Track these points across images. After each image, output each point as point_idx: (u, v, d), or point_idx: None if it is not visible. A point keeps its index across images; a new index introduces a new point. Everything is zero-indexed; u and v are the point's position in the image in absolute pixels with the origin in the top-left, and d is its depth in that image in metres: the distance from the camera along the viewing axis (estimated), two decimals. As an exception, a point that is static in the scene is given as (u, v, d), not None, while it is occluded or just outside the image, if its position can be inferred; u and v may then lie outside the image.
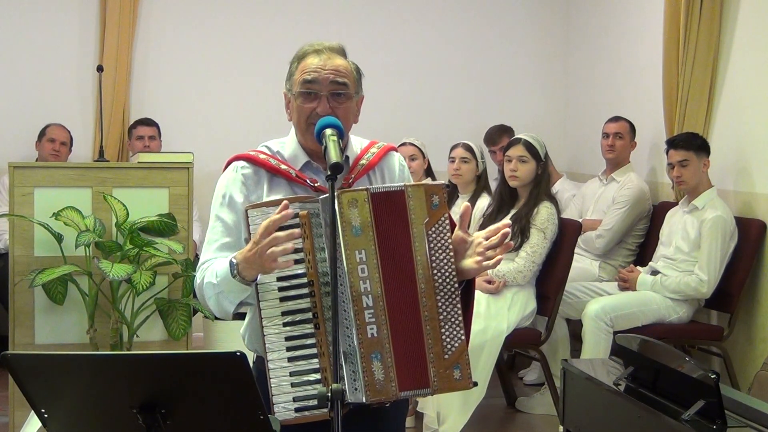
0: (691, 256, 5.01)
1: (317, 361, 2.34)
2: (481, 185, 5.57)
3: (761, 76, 5.08)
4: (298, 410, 2.32)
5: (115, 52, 6.62)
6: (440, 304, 2.35)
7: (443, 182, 2.47)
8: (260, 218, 2.34)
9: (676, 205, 5.32)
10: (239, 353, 2.00)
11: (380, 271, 2.32)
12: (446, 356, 2.34)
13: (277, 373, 2.33)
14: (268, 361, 2.34)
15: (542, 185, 5.06)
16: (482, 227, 5.04)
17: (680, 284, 5.00)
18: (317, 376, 2.33)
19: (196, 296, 2.65)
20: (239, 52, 6.96)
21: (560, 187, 6.23)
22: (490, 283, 4.95)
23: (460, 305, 2.36)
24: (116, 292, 4.48)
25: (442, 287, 2.35)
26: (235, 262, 2.34)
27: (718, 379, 2.86)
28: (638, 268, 5.32)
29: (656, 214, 5.70)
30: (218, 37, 6.95)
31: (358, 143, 2.62)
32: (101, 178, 4.60)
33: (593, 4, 7.08)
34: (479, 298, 4.77)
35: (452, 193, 5.58)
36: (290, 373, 2.33)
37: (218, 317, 2.61)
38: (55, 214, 4.39)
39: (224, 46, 6.96)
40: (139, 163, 4.88)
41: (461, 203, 5.44)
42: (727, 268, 4.97)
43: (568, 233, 5.09)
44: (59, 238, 4.41)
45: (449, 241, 2.37)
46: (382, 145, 2.65)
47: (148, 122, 6.56)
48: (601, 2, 6.97)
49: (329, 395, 2.07)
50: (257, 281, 2.36)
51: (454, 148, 5.63)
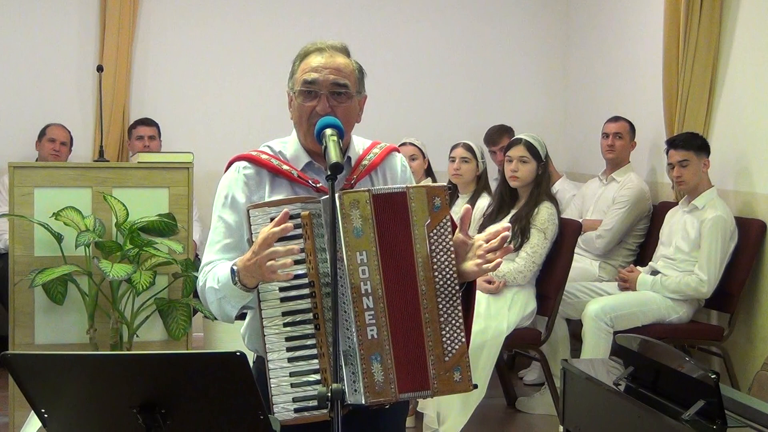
0: (691, 256, 5.01)
1: (317, 361, 2.33)
2: (481, 185, 5.57)
3: (761, 76, 5.08)
4: (297, 410, 2.32)
5: (115, 52, 6.62)
6: (441, 306, 2.34)
7: (445, 184, 2.47)
8: (262, 218, 2.34)
9: (676, 205, 5.32)
10: (239, 353, 2.00)
11: (381, 272, 2.32)
12: (446, 358, 2.34)
13: (277, 373, 2.33)
14: (268, 361, 2.34)
15: (543, 185, 5.06)
16: (482, 227, 5.04)
17: (680, 284, 5.00)
18: (317, 376, 2.33)
19: (196, 296, 2.66)
20: (239, 51, 6.96)
21: (560, 187, 6.23)
22: (490, 283, 4.95)
23: (460, 307, 2.36)
24: (116, 292, 4.48)
25: (443, 289, 2.35)
26: (236, 269, 2.34)
27: (718, 379, 2.86)
28: (638, 268, 5.32)
29: (656, 214, 5.69)
30: (218, 37, 6.95)
31: (360, 143, 2.62)
32: (101, 178, 4.60)
33: (593, 4, 7.08)
34: (479, 298, 4.77)
35: (452, 193, 5.57)
36: (290, 373, 2.33)
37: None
38: (55, 214, 4.39)
39: (224, 45, 6.95)
40: (139, 163, 4.88)
41: (461, 203, 5.45)
42: (727, 268, 4.97)
43: (568, 233, 5.08)
44: (59, 238, 4.40)
45: (450, 243, 2.36)
46: (384, 145, 2.64)
47: (148, 122, 6.56)
48: (601, 2, 6.97)
49: (329, 396, 2.07)
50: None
51: (454, 148, 5.63)
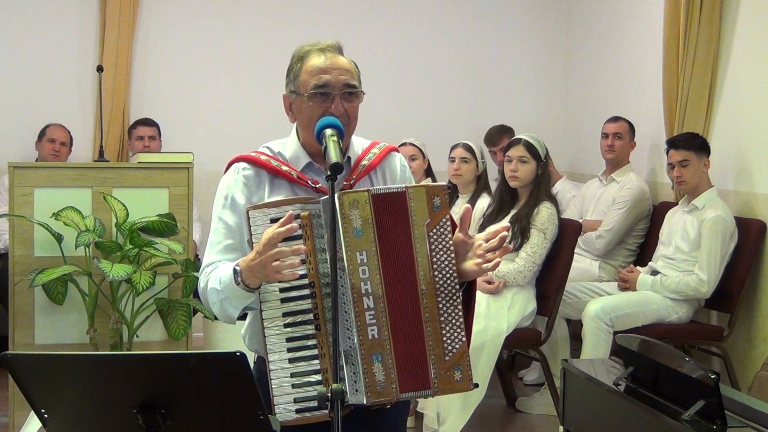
0: (691, 256, 5.01)
1: (318, 362, 2.33)
2: (481, 185, 5.56)
3: (761, 76, 5.08)
4: (299, 411, 2.32)
5: (115, 52, 6.62)
6: (441, 305, 2.34)
7: (444, 183, 2.47)
8: (261, 219, 2.34)
9: (676, 205, 5.32)
10: (239, 353, 2.00)
11: (381, 272, 2.32)
12: (447, 358, 2.34)
13: (278, 374, 2.33)
14: (269, 362, 2.34)
15: (542, 185, 5.05)
16: (482, 227, 5.04)
17: (680, 284, 5.00)
18: (318, 377, 2.33)
19: (196, 296, 2.66)
20: (239, 52, 6.96)
21: (560, 187, 6.23)
22: (490, 283, 4.95)
23: (461, 307, 2.36)
24: (116, 292, 4.48)
25: (443, 289, 2.35)
26: (238, 269, 2.33)
27: (718, 379, 2.86)
28: (638, 268, 5.32)
29: (656, 214, 5.69)
30: (218, 37, 6.95)
31: (359, 144, 2.61)
32: (101, 178, 4.60)
33: (593, 4, 7.08)
34: (479, 298, 4.77)
35: (452, 193, 5.56)
36: (291, 374, 2.33)
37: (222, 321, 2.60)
38: (55, 214, 4.39)
39: (224, 46, 6.96)
40: (139, 163, 4.88)
41: (461, 203, 5.44)
42: (727, 268, 4.97)
43: (568, 233, 5.08)
44: (59, 238, 4.40)
45: (450, 242, 2.36)
46: (383, 145, 2.64)
47: (148, 122, 6.56)
48: (601, 2, 6.97)
49: (329, 396, 2.07)
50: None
51: (454, 148, 5.63)
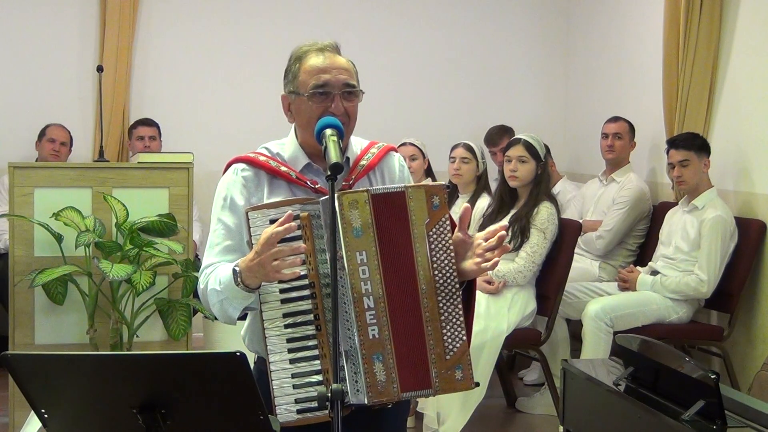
0: (690, 256, 5.01)
1: (319, 362, 2.33)
2: (481, 185, 5.56)
3: (761, 76, 5.08)
4: (300, 411, 2.31)
5: (115, 52, 6.62)
6: (441, 304, 2.34)
7: (444, 183, 2.46)
8: (261, 220, 2.34)
9: (676, 205, 5.32)
10: (239, 353, 2.00)
11: (381, 272, 2.32)
12: (448, 357, 2.34)
13: (278, 374, 2.33)
14: (269, 362, 2.33)
15: (542, 185, 5.05)
16: (482, 227, 5.04)
17: (680, 284, 5.00)
18: (319, 377, 2.33)
19: (196, 296, 2.65)
20: (239, 52, 6.96)
21: (561, 188, 6.23)
22: (490, 283, 4.95)
23: (461, 306, 2.36)
24: (116, 292, 4.48)
25: (443, 288, 2.35)
26: (238, 270, 2.33)
27: (718, 379, 2.86)
28: (638, 268, 5.32)
29: (656, 214, 5.69)
30: (218, 37, 6.95)
31: (358, 144, 2.61)
32: (101, 178, 4.60)
33: (593, 4, 7.08)
34: (479, 298, 4.77)
35: (452, 193, 5.57)
36: (292, 374, 2.33)
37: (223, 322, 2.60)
38: (55, 214, 4.39)
39: (224, 46, 6.95)
40: (139, 163, 4.88)
41: (461, 203, 5.44)
42: (727, 268, 4.97)
43: (568, 233, 5.08)
44: (59, 238, 4.40)
45: (450, 241, 2.36)
46: (381, 145, 2.64)
47: (148, 122, 6.55)
48: (601, 2, 6.97)
49: (329, 396, 2.07)
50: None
51: (454, 148, 5.63)
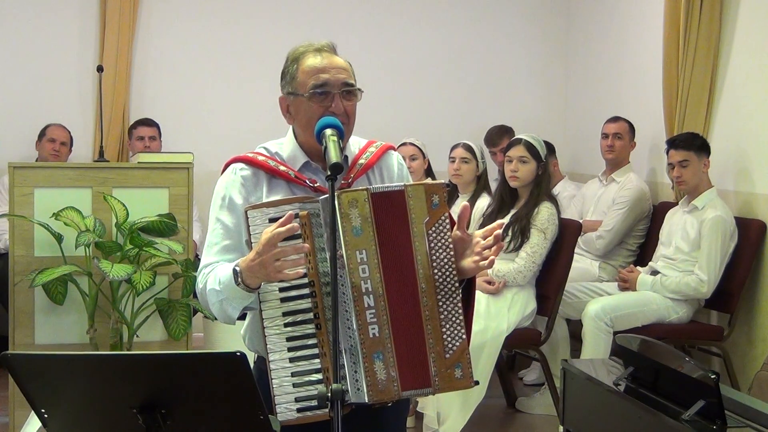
0: (691, 256, 5.00)
1: (319, 361, 2.33)
2: (481, 185, 5.56)
3: (761, 76, 5.08)
4: (300, 410, 2.31)
5: (115, 52, 6.62)
6: (441, 303, 2.34)
7: (443, 181, 2.46)
8: (260, 219, 2.34)
9: (676, 205, 5.32)
10: (239, 353, 2.00)
11: (381, 270, 2.32)
12: (447, 355, 2.34)
13: (279, 373, 2.33)
14: (269, 362, 2.33)
15: (542, 185, 5.05)
16: (482, 227, 5.03)
17: (680, 284, 5.00)
18: (319, 376, 2.32)
19: (196, 296, 2.65)
20: (239, 52, 6.96)
21: (561, 188, 6.23)
22: (490, 283, 4.94)
23: (460, 304, 2.36)
24: (116, 292, 4.48)
25: (442, 286, 2.35)
26: (238, 270, 2.32)
27: (718, 379, 2.86)
28: (638, 268, 5.32)
29: (656, 214, 5.69)
30: (218, 37, 6.94)
31: (356, 143, 2.61)
32: (101, 178, 4.60)
33: (593, 4, 7.08)
34: (479, 298, 4.77)
35: (452, 193, 5.57)
36: (292, 373, 2.33)
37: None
38: (55, 214, 4.39)
39: (224, 46, 6.95)
40: (139, 163, 4.88)
41: (461, 203, 5.43)
42: (727, 268, 4.97)
43: (568, 233, 5.08)
44: (59, 238, 4.40)
45: (449, 240, 2.36)
46: (380, 144, 2.63)
47: (148, 122, 6.55)
48: (601, 3, 6.97)
49: (329, 395, 2.07)
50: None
51: (454, 148, 5.63)
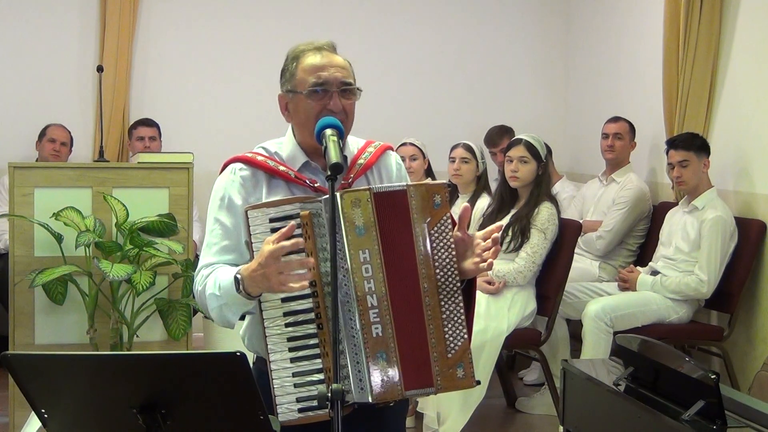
0: (691, 256, 5.00)
1: (320, 361, 2.32)
2: (481, 185, 5.56)
3: (761, 76, 5.08)
4: (301, 411, 2.31)
5: (115, 52, 6.62)
6: (443, 303, 2.35)
7: (445, 182, 2.46)
8: (261, 219, 2.33)
9: (676, 205, 5.32)
10: (239, 353, 2.00)
11: (384, 270, 2.32)
12: (449, 355, 2.34)
13: (279, 374, 2.32)
14: (270, 362, 2.33)
15: (543, 186, 5.05)
16: (482, 227, 5.03)
17: (680, 284, 5.00)
18: (320, 376, 2.32)
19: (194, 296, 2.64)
20: (239, 52, 6.96)
21: (560, 188, 6.22)
22: (490, 283, 4.94)
23: (462, 304, 2.36)
24: (116, 292, 4.48)
25: (444, 286, 2.35)
26: (240, 277, 2.31)
27: (718, 379, 2.86)
28: (638, 268, 5.32)
29: (656, 214, 5.69)
30: (218, 37, 6.94)
31: (354, 143, 2.61)
32: (101, 178, 4.60)
33: (593, 4, 7.08)
34: (479, 298, 4.77)
35: (452, 193, 5.57)
36: (293, 373, 2.32)
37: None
38: (55, 214, 4.39)
39: (224, 46, 6.95)
40: (139, 163, 4.88)
41: (461, 203, 5.44)
42: (727, 268, 4.97)
43: (568, 233, 5.08)
44: (59, 238, 4.40)
45: (451, 240, 2.36)
46: (378, 144, 2.63)
47: (148, 123, 6.55)
48: (601, 2, 6.97)
49: (329, 396, 2.07)
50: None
51: (454, 148, 5.63)
